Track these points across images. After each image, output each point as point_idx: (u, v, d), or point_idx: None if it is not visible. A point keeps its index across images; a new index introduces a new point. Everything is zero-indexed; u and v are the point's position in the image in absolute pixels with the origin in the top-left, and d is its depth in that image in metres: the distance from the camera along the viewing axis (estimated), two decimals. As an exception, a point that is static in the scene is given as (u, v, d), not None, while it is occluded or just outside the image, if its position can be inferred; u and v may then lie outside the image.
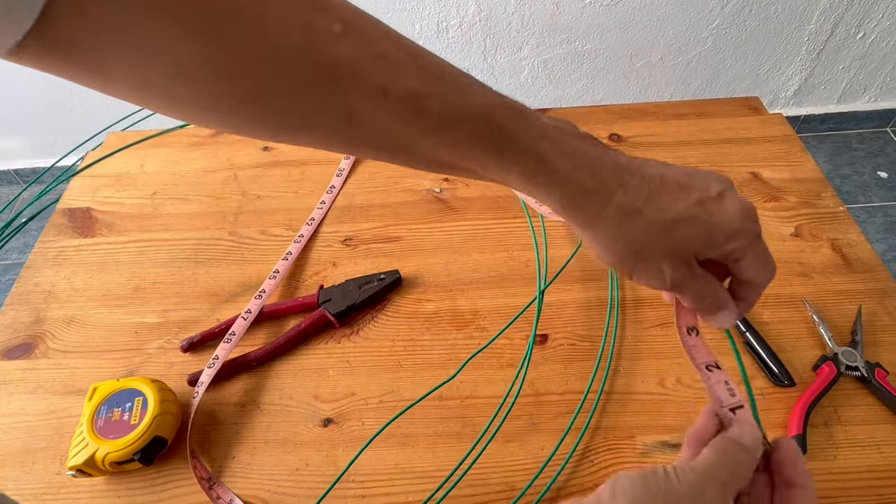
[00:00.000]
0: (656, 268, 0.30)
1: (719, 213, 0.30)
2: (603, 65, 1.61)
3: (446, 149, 0.29)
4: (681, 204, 0.29)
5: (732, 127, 0.76)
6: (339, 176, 0.71)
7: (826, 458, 0.47)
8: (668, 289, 0.31)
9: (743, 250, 0.30)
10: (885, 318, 0.56)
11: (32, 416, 0.52)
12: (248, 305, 0.57)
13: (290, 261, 0.62)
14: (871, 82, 1.75)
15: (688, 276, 0.31)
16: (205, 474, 0.48)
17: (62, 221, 0.69)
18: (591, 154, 0.30)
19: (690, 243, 0.30)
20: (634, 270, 0.31)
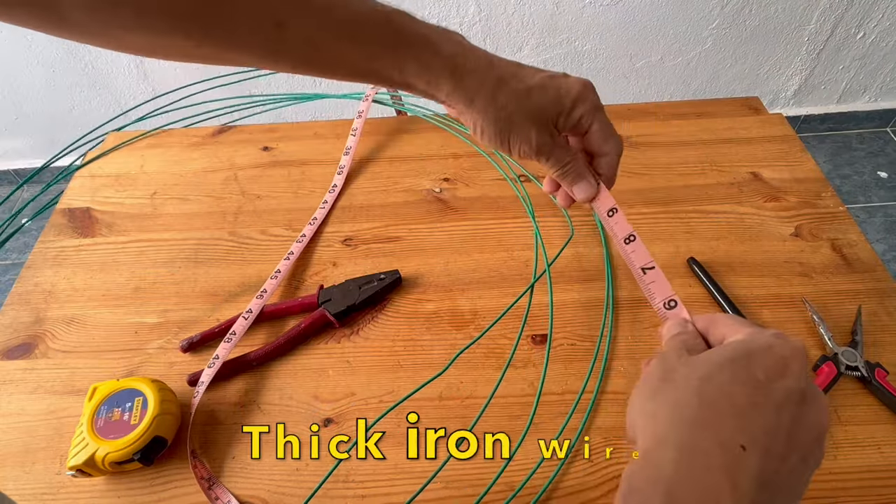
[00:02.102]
0: (526, 133, 0.37)
1: (565, 83, 0.37)
2: (603, 65, 1.61)
3: (359, 51, 0.35)
4: (536, 77, 0.37)
5: (732, 127, 0.76)
6: (340, 174, 0.71)
7: (826, 458, 0.47)
8: (535, 153, 0.38)
9: (589, 118, 0.37)
10: (885, 318, 0.56)
11: (32, 416, 0.52)
12: (248, 305, 0.57)
13: (291, 260, 0.62)
14: (871, 82, 1.75)
15: (549, 142, 0.38)
16: (205, 474, 0.48)
17: (62, 221, 0.69)
18: (466, 43, 0.37)
19: (546, 108, 0.37)
20: (510, 136, 0.37)
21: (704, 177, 0.70)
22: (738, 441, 0.22)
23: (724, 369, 0.24)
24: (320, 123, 0.81)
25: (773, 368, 0.24)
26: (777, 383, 0.24)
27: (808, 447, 0.24)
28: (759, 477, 0.22)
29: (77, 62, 1.54)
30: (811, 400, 0.25)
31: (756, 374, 0.24)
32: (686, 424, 0.23)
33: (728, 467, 0.22)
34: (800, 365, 0.25)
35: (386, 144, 0.77)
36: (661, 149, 0.74)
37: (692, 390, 0.24)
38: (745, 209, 0.66)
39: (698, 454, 0.22)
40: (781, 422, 0.23)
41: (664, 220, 0.66)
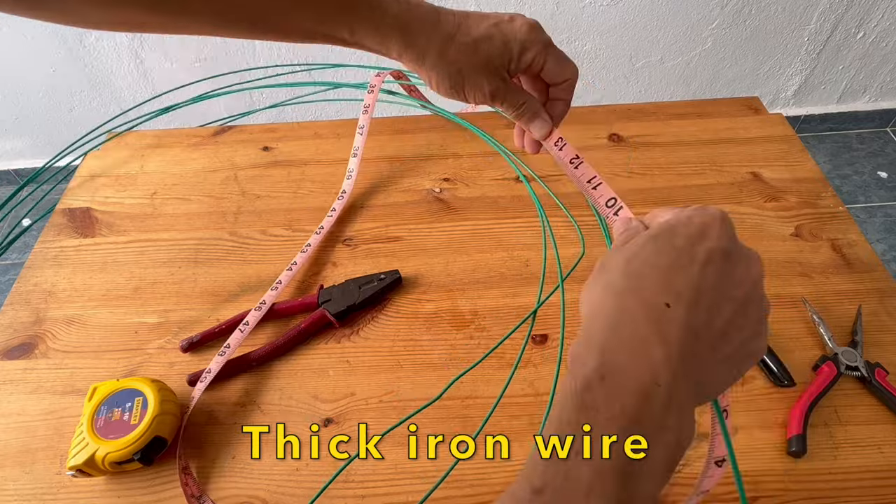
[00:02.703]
0: (478, 83, 0.38)
1: (511, 29, 0.37)
2: (603, 65, 1.61)
3: (309, 13, 0.36)
4: (482, 27, 0.37)
5: (732, 127, 0.76)
6: (350, 178, 0.70)
7: (826, 458, 0.47)
8: (490, 100, 0.39)
9: (540, 58, 0.38)
10: (885, 318, 0.56)
11: (32, 416, 0.52)
12: (263, 296, 0.58)
13: (308, 253, 0.63)
14: (871, 82, 1.75)
15: (502, 88, 0.38)
16: (195, 491, 0.47)
17: (62, 221, 0.69)
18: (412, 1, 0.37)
19: (495, 57, 0.37)
20: (464, 88, 0.38)
21: (704, 177, 0.70)
22: (663, 300, 0.23)
23: (648, 245, 0.26)
24: (320, 123, 0.81)
25: (694, 235, 0.26)
26: (699, 246, 0.25)
27: (742, 299, 0.25)
28: (688, 326, 0.23)
29: (77, 62, 1.54)
30: (737, 256, 0.26)
31: (678, 243, 0.25)
32: (614, 295, 0.24)
33: (654, 321, 0.23)
34: (720, 227, 0.26)
35: (386, 144, 0.77)
36: (661, 149, 0.74)
37: (620, 269, 0.25)
38: (745, 209, 0.66)
39: (626, 316, 0.23)
40: (706, 278, 0.24)
41: (664, 220, 0.66)
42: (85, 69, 1.55)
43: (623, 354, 0.22)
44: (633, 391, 0.21)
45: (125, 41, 1.49)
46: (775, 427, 0.49)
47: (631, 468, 0.21)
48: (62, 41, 1.48)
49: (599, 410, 0.21)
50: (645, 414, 0.21)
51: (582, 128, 0.76)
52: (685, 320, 0.23)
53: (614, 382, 0.21)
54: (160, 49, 1.50)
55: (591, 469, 0.20)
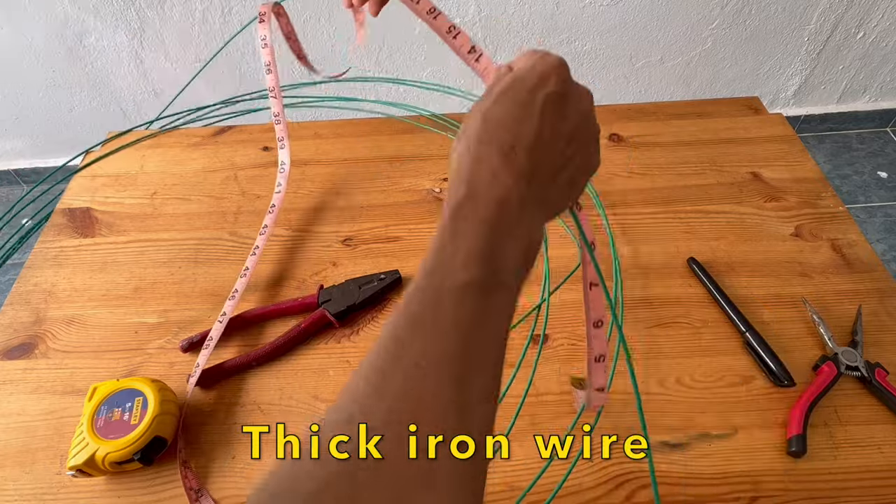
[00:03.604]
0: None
1: None
2: (603, 65, 1.61)
3: None
4: None
5: (732, 127, 0.76)
6: (283, 173, 0.67)
7: (826, 458, 0.47)
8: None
9: None
10: (885, 318, 0.56)
11: (32, 416, 0.52)
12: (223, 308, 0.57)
13: (247, 277, 0.60)
14: (871, 82, 1.75)
15: None
16: (194, 485, 0.47)
17: (62, 221, 0.69)
18: None
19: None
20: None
21: (704, 177, 0.70)
22: (510, 144, 0.28)
23: (498, 100, 0.30)
24: (320, 123, 0.81)
25: (535, 85, 0.30)
26: (537, 94, 0.30)
27: (573, 132, 0.31)
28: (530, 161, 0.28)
29: (77, 62, 1.54)
30: (570, 96, 0.31)
31: (521, 95, 0.30)
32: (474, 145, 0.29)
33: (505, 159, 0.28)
34: (557, 75, 0.30)
35: (386, 144, 0.77)
36: (661, 149, 0.74)
37: (478, 125, 0.29)
38: (745, 209, 0.66)
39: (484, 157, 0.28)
40: (545, 121, 0.29)
41: (664, 220, 0.66)
42: (85, 69, 1.55)
43: (483, 183, 0.28)
44: (492, 205, 0.27)
45: (125, 41, 1.49)
46: (775, 427, 0.49)
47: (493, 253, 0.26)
48: (62, 41, 1.48)
49: (468, 220, 0.27)
50: (502, 220, 0.27)
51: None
52: (528, 157, 0.28)
53: (478, 201, 0.27)
54: (160, 49, 1.50)
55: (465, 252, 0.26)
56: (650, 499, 0.45)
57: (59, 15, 1.43)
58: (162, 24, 1.45)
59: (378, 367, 0.25)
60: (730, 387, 0.52)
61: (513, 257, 0.27)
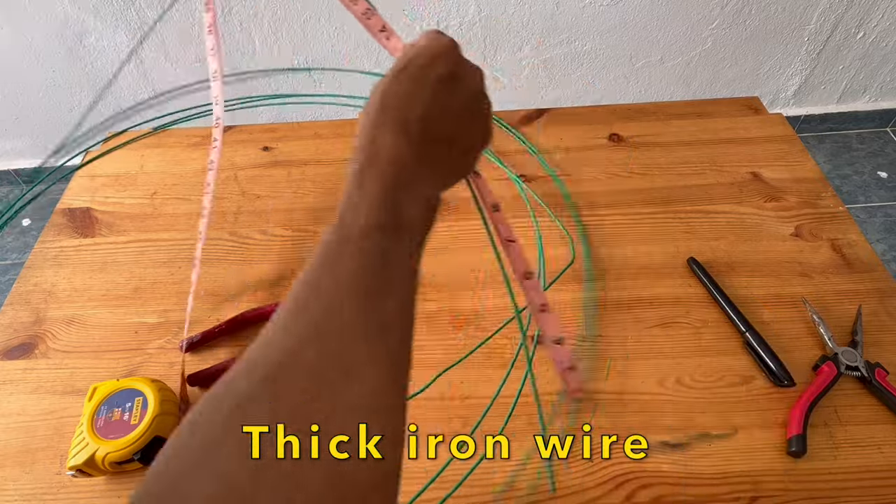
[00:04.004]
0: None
1: None
2: (603, 65, 1.61)
3: None
4: None
5: (732, 127, 0.76)
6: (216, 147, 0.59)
7: (826, 458, 0.47)
8: None
9: None
10: (885, 318, 0.56)
11: (32, 416, 0.52)
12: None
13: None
14: (871, 82, 1.75)
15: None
16: None
17: (62, 221, 0.69)
18: None
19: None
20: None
21: (704, 177, 0.70)
22: (404, 117, 0.30)
23: (393, 80, 0.32)
24: (320, 123, 0.81)
25: (426, 65, 0.32)
26: (430, 73, 0.31)
27: (464, 108, 0.33)
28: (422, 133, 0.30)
29: (77, 62, 1.54)
30: (462, 74, 0.33)
31: (414, 74, 0.32)
32: (373, 119, 0.31)
33: (399, 129, 0.30)
34: (447, 55, 0.32)
35: (386, 144, 0.77)
36: (661, 149, 0.74)
37: (377, 102, 0.31)
38: (745, 209, 0.66)
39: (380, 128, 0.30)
40: (437, 98, 0.31)
41: (664, 220, 0.66)
42: (85, 69, 1.55)
43: (382, 150, 0.30)
44: (390, 166, 0.29)
45: (125, 41, 1.49)
46: (775, 427, 0.49)
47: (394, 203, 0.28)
48: (62, 41, 1.48)
49: (369, 178, 0.28)
50: (400, 178, 0.29)
51: (582, 128, 0.76)
52: (419, 129, 0.30)
53: (377, 163, 0.29)
54: (160, 49, 1.50)
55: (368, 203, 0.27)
56: (650, 499, 0.45)
57: (59, 15, 1.43)
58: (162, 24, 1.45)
59: (294, 304, 0.25)
60: (730, 387, 0.52)
61: (411, 213, 0.29)
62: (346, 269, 0.26)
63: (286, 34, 1.47)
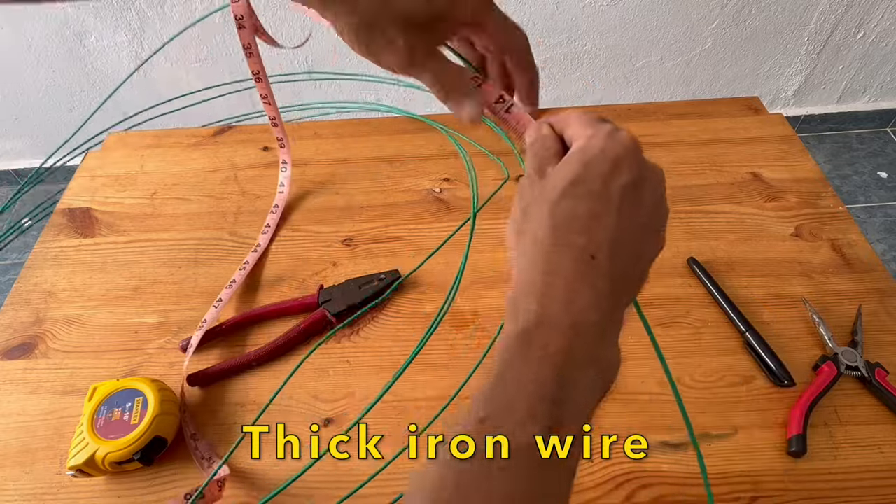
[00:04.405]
0: (391, 42, 0.30)
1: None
2: (603, 65, 1.61)
3: None
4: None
5: (732, 127, 0.76)
6: (284, 171, 0.68)
7: (826, 458, 0.47)
8: (406, 66, 0.31)
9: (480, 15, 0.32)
10: (885, 318, 0.56)
11: (32, 416, 0.52)
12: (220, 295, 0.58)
13: (246, 270, 0.61)
14: (871, 82, 1.75)
15: (422, 52, 0.31)
16: (206, 454, 0.49)
17: (62, 221, 0.69)
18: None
19: (416, 11, 0.30)
20: (372, 44, 0.30)
21: (704, 177, 0.70)
22: (589, 253, 0.25)
23: (567, 193, 0.27)
24: (320, 123, 0.81)
25: (608, 173, 0.27)
26: (613, 185, 0.26)
27: (650, 218, 0.28)
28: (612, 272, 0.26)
29: (77, 62, 1.54)
30: (645, 181, 0.28)
31: (594, 186, 0.26)
32: (544, 251, 0.26)
33: (583, 273, 0.25)
34: (630, 160, 0.27)
35: (386, 144, 0.77)
36: (661, 149, 0.74)
37: (545, 223, 0.26)
38: (745, 209, 0.66)
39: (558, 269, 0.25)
40: (622, 219, 0.26)
41: (664, 220, 0.66)
42: (85, 69, 1.55)
43: (557, 304, 0.25)
44: (565, 334, 0.24)
45: (125, 41, 1.49)
46: (775, 427, 0.49)
47: (562, 395, 0.23)
48: (62, 41, 1.48)
49: (536, 351, 0.23)
50: (576, 351, 0.24)
51: (582, 128, 0.76)
52: (609, 268, 0.25)
53: (551, 327, 0.24)
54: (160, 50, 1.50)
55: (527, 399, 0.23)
56: (650, 499, 0.45)
57: (59, 15, 1.43)
58: (162, 24, 1.45)
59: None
60: (730, 387, 0.52)
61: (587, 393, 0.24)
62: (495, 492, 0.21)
63: (286, 34, 1.47)
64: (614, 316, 0.26)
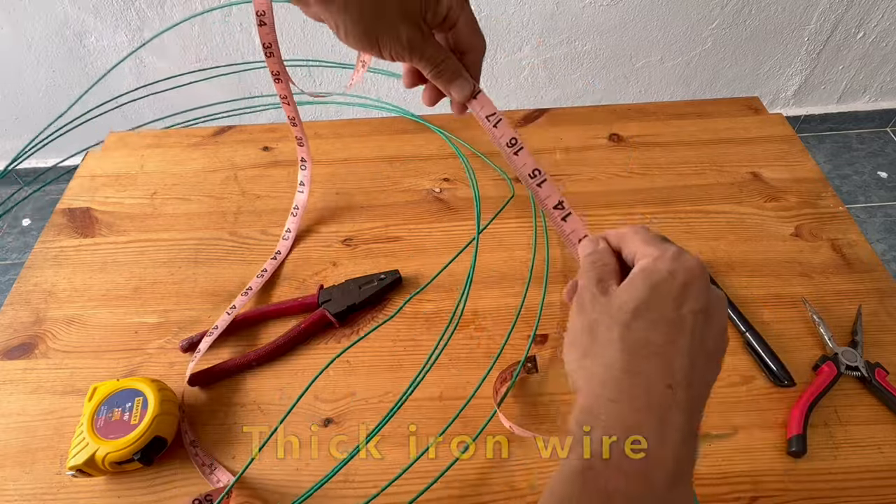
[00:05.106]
0: (394, 31, 0.33)
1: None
2: (603, 65, 1.61)
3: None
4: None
5: (732, 127, 0.76)
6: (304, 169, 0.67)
7: (826, 458, 0.47)
8: (407, 53, 0.35)
9: (457, 10, 0.35)
10: (885, 318, 0.56)
11: (32, 416, 0.52)
12: (233, 301, 0.58)
13: (264, 278, 0.61)
14: (871, 82, 1.75)
15: (420, 39, 0.34)
16: (206, 460, 0.48)
17: (62, 221, 0.69)
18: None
19: (413, 2, 0.33)
20: (378, 35, 0.34)
21: (704, 177, 0.70)
22: (664, 383, 0.24)
23: (639, 316, 0.26)
24: (320, 123, 0.81)
25: (678, 297, 0.26)
26: (684, 310, 0.26)
27: (717, 342, 0.27)
28: (687, 404, 0.25)
29: (77, 62, 1.54)
30: (712, 309, 0.27)
31: (666, 311, 0.26)
32: (615, 379, 0.25)
33: (658, 406, 0.24)
34: (699, 284, 0.27)
35: (386, 144, 0.77)
36: (661, 149, 0.74)
37: (616, 347, 0.26)
38: (745, 209, 0.66)
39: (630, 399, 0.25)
40: (694, 345, 0.26)
41: (664, 220, 0.66)
42: (85, 69, 1.55)
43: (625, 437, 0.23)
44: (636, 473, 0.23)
45: (125, 41, 1.49)
46: (775, 427, 0.49)
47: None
48: (62, 41, 1.48)
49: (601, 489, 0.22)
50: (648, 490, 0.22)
51: (582, 128, 0.76)
52: (685, 401, 0.24)
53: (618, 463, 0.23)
54: (160, 50, 1.50)
55: None
56: (650, 499, 0.45)
57: (59, 15, 1.43)
58: (162, 25, 1.45)
59: None
60: (730, 387, 0.52)
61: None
62: None
63: (286, 34, 1.47)
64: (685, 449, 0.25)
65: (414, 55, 0.35)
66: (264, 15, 0.45)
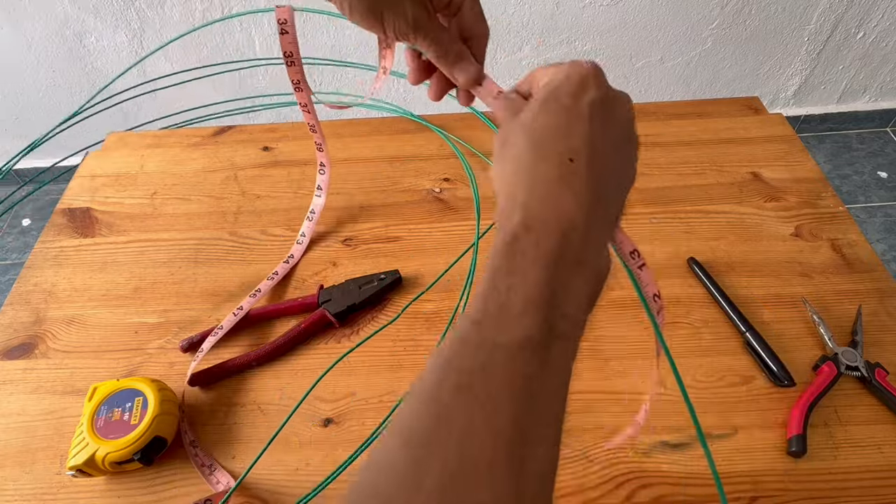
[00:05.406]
0: (400, 7, 0.33)
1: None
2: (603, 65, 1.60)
3: None
4: None
5: (732, 127, 0.76)
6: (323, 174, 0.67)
7: (826, 458, 0.47)
8: (412, 30, 0.34)
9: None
10: (885, 318, 0.56)
11: (32, 416, 0.52)
12: (241, 303, 0.58)
13: (274, 281, 0.61)
14: (871, 82, 1.75)
15: (426, 17, 0.34)
16: (206, 461, 0.48)
17: (62, 221, 0.69)
18: None
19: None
20: (383, 11, 0.33)
21: (704, 177, 0.70)
22: (566, 157, 0.26)
23: (540, 112, 0.28)
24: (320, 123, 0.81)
25: (575, 91, 0.29)
26: (582, 100, 0.28)
27: (623, 137, 0.29)
28: (590, 175, 0.26)
29: (77, 62, 1.54)
30: (613, 100, 0.30)
31: (564, 102, 0.28)
32: (526, 164, 0.27)
33: (563, 177, 0.26)
34: (595, 79, 0.29)
35: (386, 144, 0.77)
36: (661, 149, 0.74)
37: (523, 140, 0.28)
38: (745, 209, 0.66)
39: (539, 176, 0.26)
40: (594, 128, 0.28)
41: (664, 220, 0.66)
42: (85, 69, 1.55)
43: (542, 208, 0.25)
44: (553, 235, 0.24)
45: (125, 41, 1.49)
46: (775, 427, 0.49)
47: (553, 297, 0.23)
48: (62, 41, 1.48)
49: (526, 255, 0.24)
50: (565, 252, 0.24)
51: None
52: (587, 171, 0.26)
53: (537, 231, 0.24)
54: (160, 50, 1.50)
55: (522, 299, 0.23)
56: (650, 499, 0.45)
57: (59, 15, 1.43)
58: (162, 24, 1.45)
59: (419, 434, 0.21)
60: (730, 387, 0.52)
61: (578, 295, 0.24)
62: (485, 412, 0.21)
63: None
64: (598, 222, 0.27)
65: (419, 33, 0.35)
66: (286, 23, 0.44)
